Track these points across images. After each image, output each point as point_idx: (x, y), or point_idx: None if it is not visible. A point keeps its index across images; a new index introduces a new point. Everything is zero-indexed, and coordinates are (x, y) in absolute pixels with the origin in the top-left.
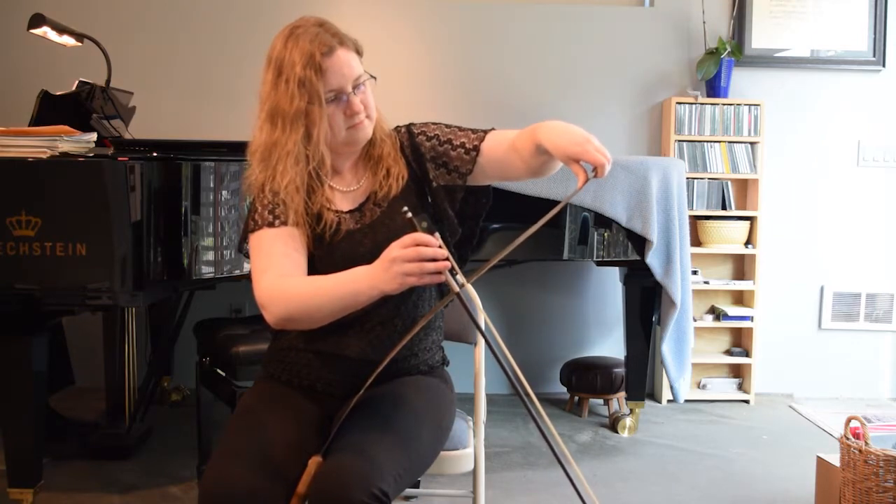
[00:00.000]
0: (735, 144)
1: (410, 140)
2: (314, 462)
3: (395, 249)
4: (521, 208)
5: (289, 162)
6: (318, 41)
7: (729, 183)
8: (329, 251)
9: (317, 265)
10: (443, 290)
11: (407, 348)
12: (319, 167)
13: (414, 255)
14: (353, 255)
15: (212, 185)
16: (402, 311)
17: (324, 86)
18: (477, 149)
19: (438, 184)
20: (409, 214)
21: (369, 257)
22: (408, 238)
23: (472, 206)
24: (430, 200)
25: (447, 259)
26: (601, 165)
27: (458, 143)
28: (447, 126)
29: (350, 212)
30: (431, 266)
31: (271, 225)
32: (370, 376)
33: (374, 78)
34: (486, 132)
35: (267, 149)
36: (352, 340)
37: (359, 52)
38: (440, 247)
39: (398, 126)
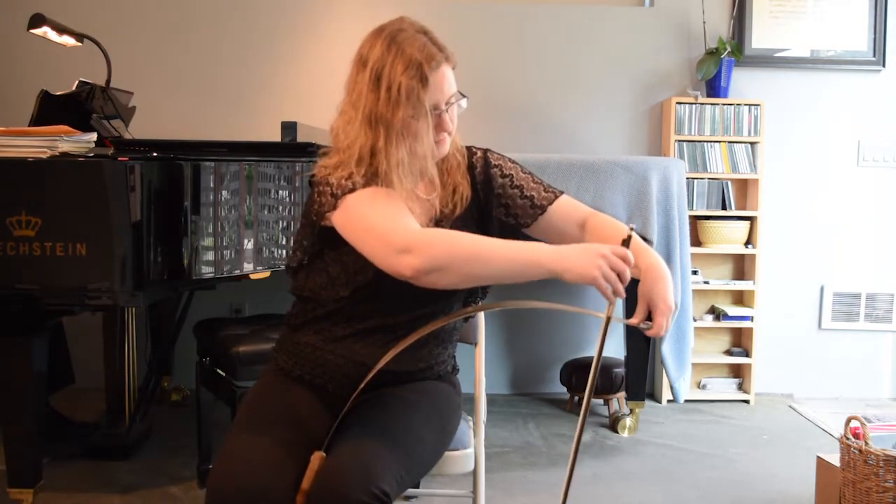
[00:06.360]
0: (735, 144)
1: (485, 168)
2: (317, 457)
3: (608, 249)
4: None
5: (402, 172)
6: (427, 53)
7: (729, 183)
8: None
9: (375, 271)
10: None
11: (423, 361)
12: (420, 177)
13: (620, 267)
14: None
15: (212, 185)
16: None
17: (428, 99)
18: (543, 209)
19: (497, 219)
20: (632, 233)
21: None
22: (623, 251)
23: None
24: (485, 231)
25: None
26: (657, 333)
27: (528, 193)
28: (523, 171)
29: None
30: (619, 286)
31: (377, 185)
32: (380, 377)
33: (466, 98)
34: (556, 194)
35: (369, 152)
36: (372, 349)
37: (454, 67)
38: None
39: (473, 147)
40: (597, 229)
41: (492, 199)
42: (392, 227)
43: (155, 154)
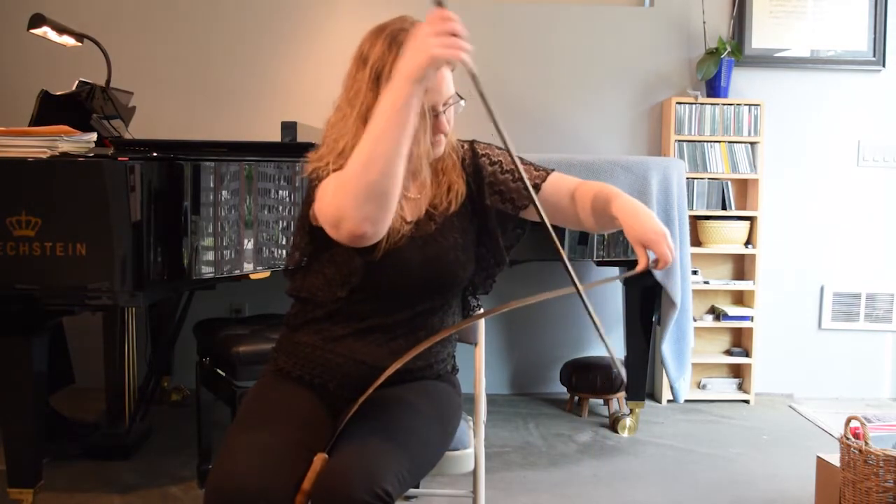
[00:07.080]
0: (735, 144)
1: (473, 159)
2: (319, 458)
3: (425, 25)
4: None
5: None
6: None
7: (729, 183)
8: (382, 257)
9: (366, 272)
10: (466, 309)
11: (423, 359)
12: (413, 178)
13: (448, 28)
14: (402, 266)
15: (212, 185)
16: (427, 324)
17: (426, 101)
18: (538, 188)
19: (493, 208)
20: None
21: (417, 273)
22: (436, 12)
23: (506, 237)
24: (482, 222)
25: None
26: (665, 263)
27: (519, 176)
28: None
29: (409, 222)
30: (460, 41)
31: None
32: (380, 379)
33: (464, 100)
34: (547, 172)
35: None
36: (372, 347)
37: (453, 69)
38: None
39: (459, 140)
40: (585, 195)
41: (483, 189)
42: (326, 205)
43: (155, 154)
